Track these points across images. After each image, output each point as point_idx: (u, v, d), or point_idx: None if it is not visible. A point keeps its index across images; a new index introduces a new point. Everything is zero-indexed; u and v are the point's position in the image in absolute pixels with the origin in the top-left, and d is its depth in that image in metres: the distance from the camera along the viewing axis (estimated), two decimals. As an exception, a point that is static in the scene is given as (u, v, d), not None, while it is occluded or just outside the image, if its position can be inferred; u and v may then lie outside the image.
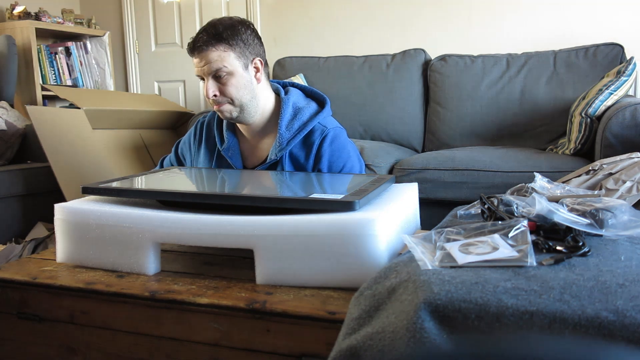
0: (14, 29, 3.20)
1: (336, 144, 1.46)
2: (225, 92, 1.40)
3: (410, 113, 2.79)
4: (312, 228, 0.96)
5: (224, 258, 1.19)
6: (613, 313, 0.57)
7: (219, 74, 1.37)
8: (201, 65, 1.38)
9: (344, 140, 1.49)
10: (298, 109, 1.48)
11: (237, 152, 1.52)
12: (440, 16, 3.03)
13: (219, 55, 1.36)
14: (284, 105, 1.47)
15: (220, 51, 1.37)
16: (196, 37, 1.38)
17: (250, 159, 1.54)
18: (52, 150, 2.33)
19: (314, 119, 1.46)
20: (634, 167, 1.21)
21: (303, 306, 0.91)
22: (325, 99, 1.54)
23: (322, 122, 1.48)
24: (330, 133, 1.46)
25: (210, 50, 1.36)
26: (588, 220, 0.85)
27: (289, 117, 1.46)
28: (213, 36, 1.36)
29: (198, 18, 3.59)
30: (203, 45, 1.36)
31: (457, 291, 0.64)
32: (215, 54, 1.36)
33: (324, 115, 1.49)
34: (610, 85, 2.09)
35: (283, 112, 1.46)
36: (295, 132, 1.45)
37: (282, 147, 1.44)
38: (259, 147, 1.53)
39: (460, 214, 1.11)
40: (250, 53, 1.41)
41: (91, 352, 1.06)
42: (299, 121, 1.46)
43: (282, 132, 1.44)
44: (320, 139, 1.45)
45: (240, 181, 1.34)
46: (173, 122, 3.14)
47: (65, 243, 1.14)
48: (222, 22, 1.39)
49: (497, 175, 2.07)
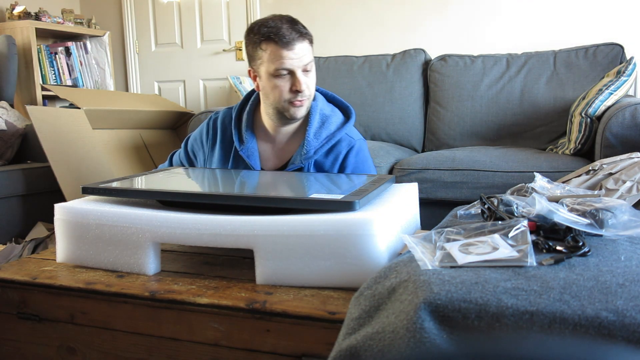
0: (14, 29, 3.20)
1: (360, 156, 1.49)
2: (310, 86, 1.41)
3: (410, 113, 2.79)
4: (312, 228, 0.96)
5: (224, 258, 1.19)
6: (613, 313, 0.57)
7: (308, 68, 1.39)
8: (297, 57, 1.36)
9: (366, 152, 1.53)
10: (325, 117, 1.49)
11: (255, 153, 1.50)
12: (440, 16, 3.03)
13: (309, 49, 1.40)
14: (312, 111, 1.47)
15: (309, 45, 1.40)
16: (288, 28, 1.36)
17: (272, 160, 1.53)
18: (52, 150, 2.33)
19: (341, 130, 1.48)
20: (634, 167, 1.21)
21: (303, 306, 0.91)
22: (350, 109, 1.55)
23: (349, 133, 1.50)
24: (356, 145, 1.49)
25: (306, 43, 1.39)
26: (588, 220, 0.85)
27: (317, 125, 1.47)
28: (302, 31, 1.38)
29: (198, 18, 3.59)
30: (300, 37, 1.37)
31: (457, 291, 0.64)
32: (308, 47, 1.40)
33: (350, 126, 1.51)
34: (610, 85, 2.09)
35: (311, 118, 1.46)
36: (323, 141, 1.46)
37: (309, 156, 1.45)
38: (281, 150, 1.52)
39: (460, 214, 1.11)
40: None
41: (91, 352, 1.06)
42: (327, 130, 1.47)
43: (309, 139, 1.45)
44: (347, 149, 1.47)
45: (240, 181, 1.34)
46: (173, 122, 3.14)
47: (65, 243, 1.14)
48: (294, 18, 1.41)
49: (497, 175, 2.07)
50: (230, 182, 1.34)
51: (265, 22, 1.40)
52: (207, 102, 3.67)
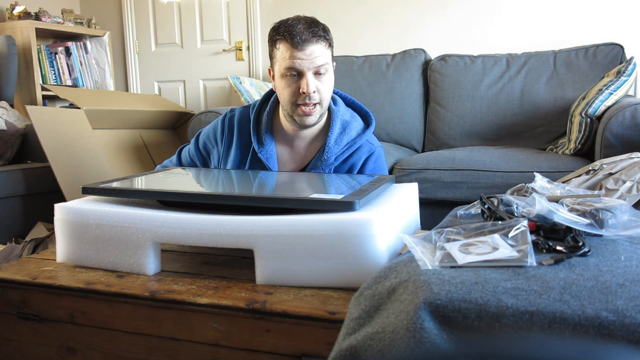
0: (14, 29, 3.20)
1: (379, 163, 1.49)
2: (321, 90, 1.37)
3: (410, 113, 2.79)
4: (312, 228, 0.96)
5: (224, 258, 1.19)
6: (613, 313, 0.57)
7: (320, 71, 1.35)
8: (309, 58, 1.33)
9: (384, 159, 1.53)
10: (346, 123, 1.47)
11: (274, 156, 1.47)
12: (440, 16, 3.03)
13: (324, 51, 1.35)
14: (334, 117, 1.45)
15: (325, 47, 1.36)
16: (303, 27, 1.33)
17: (290, 164, 1.51)
18: (52, 150, 2.33)
19: (362, 136, 1.46)
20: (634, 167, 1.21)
21: (303, 306, 0.91)
22: (370, 115, 1.53)
23: (370, 140, 1.49)
24: (376, 152, 1.48)
25: (321, 44, 1.34)
26: (588, 220, 0.85)
27: (338, 132, 1.45)
28: (321, 30, 1.35)
29: (198, 18, 3.58)
30: (314, 38, 1.33)
31: (457, 291, 0.64)
32: (323, 49, 1.35)
33: (370, 133, 1.50)
34: (610, 85, 2.09)
35: (333, 124, 1.44)
36: (344, 147, 1.44)
37: (330, 162, 1.44)
38: (300, 154, 1.50)
39: (460, 214, 1.11)
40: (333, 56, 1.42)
41: (91, 352, 1.06)
42: (348, 136, 1.45)
43: (330, 145, 1.43)
44: (366, 155, 1.46)
45: (240, 181, 1.34)
46: (173, 122, 3.14)
47: (65, 243, 1.14)
48: (314, 20, 1.38)
49: (497, 175, 2.07)
50: (231, 182, 1.34)
51: (286, 21, 1.38)
52: (207, 102, 3.67)
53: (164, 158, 2.93)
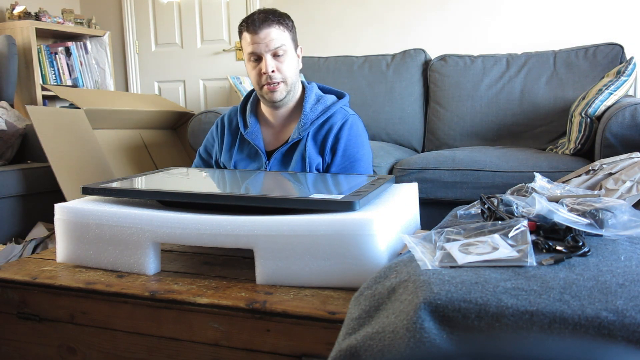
0: (14, 29, 3.20)
1: (354, 130, 1.56)
2: (282, 69, 1.50)
3: (410, 113, 2.79)
4: (312, 228, 0.96)
5: (224, 258, 1.19)
6: (613, 313, 0.57)
7: (279, 52, 1.48)
8: (264, 41, 1.46)
9: (361, 129, 1.60)
10: (320, 96, 1.60)
11: (259, 135, 1.60)
12: (440, 16, 3.03)
13: (280, 34, 1.48)
14: (307, 91, 1.59)
15: (280, 30, 1.49)
16: (257, 16, 1.47)
17: (273, 142, 1.62)
18: (52, 150, 2.33)
19: (336, 103, 1.58)
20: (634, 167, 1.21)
21: (303, 306, 0.91)
22: (343, 92, 1.67)
23: (344, 107, 1.60)
24: (350, 119, 1.57)
25: (274, 27, 1.47)
26: (588, 220, 0.85)
27: (313, 102, 1.57)
28: (275, 16, 1.49)
29: (198, 18, 3.58)
30: (266, 22, 1.46)
31: (457, 291, 0.64)
32: (277, 32, 1.48)
33: (345, 102, 1.61)
34: (610, 85, 2.09)
35: (307, 96, 1.57)
36: (319, 113, 1.55)
37: (306, 127, 1.53)
38: (282, 131, 1.62)
39: (460, 214, 1.11)
40: (296, 39, 1.55)
41: (91, 352, 1.06)
42: (323, 105, 1.57)
43: (306, 112, 1.54)
44: (342, 122, 1.55)
45: (240, 181, 1.34)
46: (173, 122, 3.14)
47: (65, 243, 1.14)
48: (272, 9, 1.51)
49: (497, 175, 2.07)
50: (231, 182, 1.34)
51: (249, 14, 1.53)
52: (207, 102, 3.67)
53: (164, 158, 2.93)
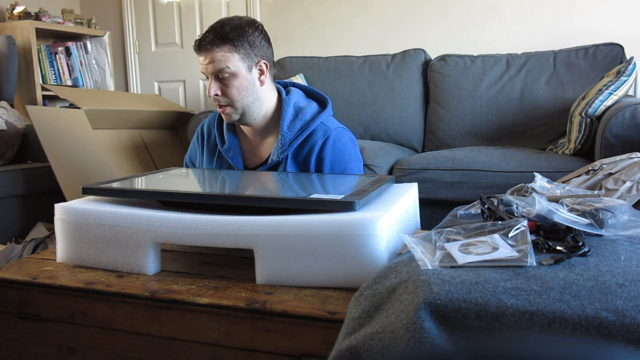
0: (14, 29, 3.20)
1: (338, 145, 1.45)
2: (227, 93, 1.40)
3: (410, 113, 2.79)
4: (312, 228, 0.96)
5: (224, 258, 1.19)
6: (613, 313, 0.57)
7: (222, 75, 1.38)
8: (205, 64, 1.39)
9: (345, 142, 1.48)
10: (299, 109, 1.47)
11: (237, 152, 1.52)
12: (440, 16, 3.03)
13: (223, 56, 1.37)
14: (285, 105, 1.47)
15: (224, 52, 1.37)
16: (203, 36, 1.39)
17: (252, 159, 1.54)
18: (52, 150, 2.33)
19: (316, 119, 1.45)
20: (634, 167, 1.21)
21: (303, 306, 0.91)
22: (327, 99, 1.54)
23: (325, 122, 1.47)
24: (332, 134, 1.45)
25: (215, 50, 1.37)
26: (588, 220, 0.85)
27: (291, 118, 1.46)
28: (219, 36, 1.37)
29: (198, 18, 3.58)
30: (208, 45, 1.37)
31: (457, 291, 0.64)
32: (219, 54, 1.37)
33: (325, 116, 1.48)
34: (610, 85, 2.09)
35: (284, 112, 1.45)
36: (298, 132, 1.44)
37: (285, 149, 1.44)
38: (260, 148, 1.53)
39: (460, 214, 1.11)
40: (255, 55, 1.41)
41: (91, 352, 1.06)
42: (301, 121, 1.45)
43: (284, 132, 1.44)
44: (322, 139, 1.44)
45: (240, 181, 1.34)
46: (173, 122, 3.14)
47: (65, 243, 1.14)
48: (230, 23, 1.39)
49: (497, 175, 2.07)
50: (231, 183, 1.34)
51: None
52: (207, 102, 3.67)
53: (164, 158, 2.93)
